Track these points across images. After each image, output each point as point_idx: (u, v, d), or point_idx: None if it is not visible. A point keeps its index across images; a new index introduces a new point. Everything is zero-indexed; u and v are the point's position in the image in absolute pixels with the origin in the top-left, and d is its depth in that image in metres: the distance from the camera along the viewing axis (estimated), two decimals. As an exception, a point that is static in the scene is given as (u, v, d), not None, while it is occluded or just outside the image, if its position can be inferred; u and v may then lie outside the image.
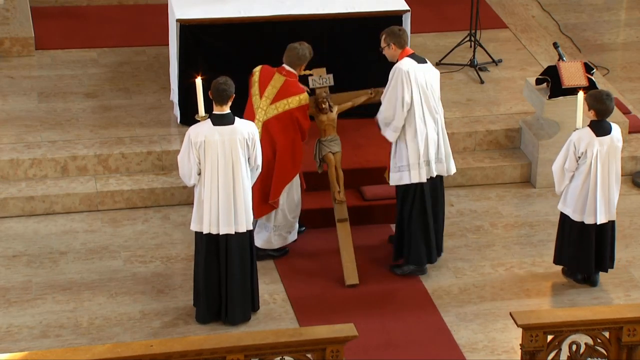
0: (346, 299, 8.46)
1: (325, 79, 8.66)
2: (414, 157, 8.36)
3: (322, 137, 8.67)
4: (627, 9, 12.51)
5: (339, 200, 8.60)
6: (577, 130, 8.31)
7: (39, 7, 11.61)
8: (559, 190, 8.47)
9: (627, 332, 7.06)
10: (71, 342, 8.00)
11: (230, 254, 8.00)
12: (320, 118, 8.61)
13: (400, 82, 8.29)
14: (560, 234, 8.60)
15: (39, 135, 9.80)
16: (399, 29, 8.50)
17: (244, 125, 7.95)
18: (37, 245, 9.02)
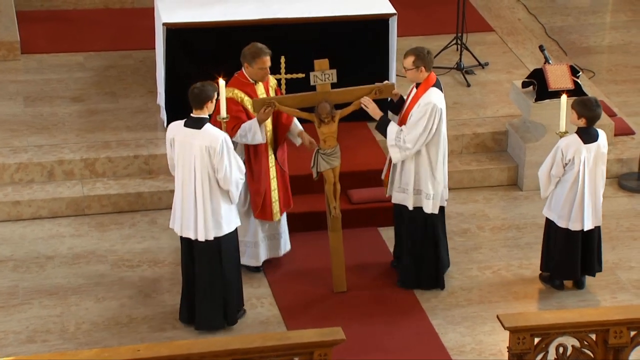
0: (334, 303, 8.46)
1: (328, 75, 8.23)
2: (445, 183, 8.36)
3: (322, 149, 8.30)
4: (613, 12, 12.56)
5: (334, 215, 8.41)
6: (564, 137, 8.32)
7: (25, 10, 11.59)
8: (544, 195, 8.49)
9: (614, 335, 7.08)
10: (58, 347, 7.98)
11: (197, 259, 7.99)
12: (322, 129, 8.25)
13: (433, 118, 8.15)
14: (545, 239, 8.61)
15: (25, 140, 9.78)
16: (428, 51, 8.27)
17: (208, 134, 7.79)
18: (23, 250, 9.00)
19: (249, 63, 8.30)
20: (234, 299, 8.14)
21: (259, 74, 8.32)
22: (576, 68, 9.89)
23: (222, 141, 7.78)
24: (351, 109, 8.33)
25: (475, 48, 11.08)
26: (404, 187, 8.37)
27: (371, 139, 9.91)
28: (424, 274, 8.54)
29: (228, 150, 7.80)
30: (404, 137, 8.20)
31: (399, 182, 8.39)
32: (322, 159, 8.29)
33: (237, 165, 7.89)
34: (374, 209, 9.29)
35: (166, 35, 9.71)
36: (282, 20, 9.82)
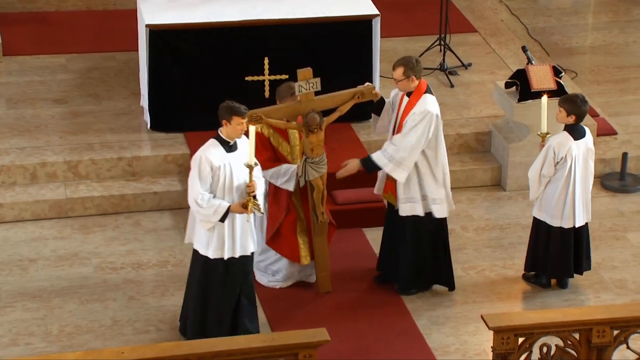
0: (319, 304, 8.47)
1: (312, 84, 8.19)
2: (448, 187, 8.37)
3: (310, 158, 8.24)
4: (594, 12, 12.61)
5: (322, 220, 8.38)
6: (555, 136, 8.35)
7: (6, 12, 11.57)
8: (534, 197, 8.49)
9: (597, 334, 7.12)
10: (41, 350, 7.97)
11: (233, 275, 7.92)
12: (310, 139, 8.19)
13: (428, 126, 8.14)
14: (533, 240, 8.62)
15: (8, 142, 9.76)
16: (416, 59, 8.25)
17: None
18: (6, 253, 8.98)
19: (280, 101, 8.28)
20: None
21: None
22: (559, 69, 9.94)
23: (195, 156, 7.67)
24: (336, 115, 8.30)
25: (458, 49, 11.11)
26: (413, 197, 8.32)
27: (355, 139, 9.92)
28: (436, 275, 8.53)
29: (192, 170, 7.66)
30: (392, 150, 8.16)
31: (408, 193, 8.32)
32: (310, 167, 8.25)
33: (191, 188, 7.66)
34: (358, 209, 9.31)
35: (149, 37, 9.71)
36: (266, 21, 9.82)
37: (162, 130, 9.95)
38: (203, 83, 9.89)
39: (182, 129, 9.95)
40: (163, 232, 9.27)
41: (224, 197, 7.65)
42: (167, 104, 9.93)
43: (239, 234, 7.74)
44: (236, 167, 7.67)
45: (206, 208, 7.60)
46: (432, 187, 8.31)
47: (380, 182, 8.54)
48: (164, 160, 9.73)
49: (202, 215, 7.65)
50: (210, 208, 7.61)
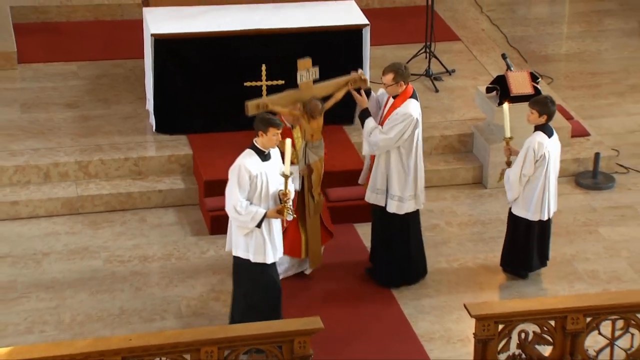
0: (313, 295, 8.48)
1: (312, 72, 8.25)
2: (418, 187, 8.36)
3: (310, 142, 8.28)
4: (569, 23, 12.64)
5: (317, 200, 8.36)
6: (533, 137, 8.32)
7: (21, 23, 11.56)
8: (514, 198, 8.46)
9: (571, 321, 7.13)
10: (54, 338, 7.97)
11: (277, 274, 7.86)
12: (311, 125, 8.20)
13: (406, 128, 8.17)
14: (512, 237, 8.56)
15: (22, 144, 9.76)
16: (405, 66, 8.28)
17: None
18: (21, 247, 8.98)
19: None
20: None
21: (290, 118, 8.22)
22: (536, 75, 9.95)
23: (234, 166, 7.56)
24: (332, 102, 8.33)
25: (442, 56, 11.13)
26: (379, 189, 8.39)
27: (347, 141, 9.94)
28: (396, 270, 8.54)
29: (231, 178, 7.56)
30: (376, 137, 8.24)
31: (375, 184, 8.41)
32: (311, 152, 8.25)
33: (230, 196, 7.53)
34: (350, 206, 9.32)
35: (154, 45, 9.71)
36: (264, 31, 9.83)
37: (166, 133, 9.96)
38: (204, 88, 9.90)
39: (185, 131, 9.95)
40: (167, 228, 9.28)
41: (260, 204, 7.54)
42: (171, 107, 9.93)
43: (276, 239, 7.66)
44: (271, 175, 7.59)
45: (244, 215, 7.49)
46: (397, 184, 8.31)
47: (364, 172, 8.57)
48: (168, 160, 9.73)
49: (240, 221, 7.53)
50: (248, 215, 7.49)
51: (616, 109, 11.03)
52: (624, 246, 9.17)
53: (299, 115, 8.24)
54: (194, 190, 9.57)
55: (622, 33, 12.36)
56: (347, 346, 7.94)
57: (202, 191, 9.46)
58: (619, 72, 11.63)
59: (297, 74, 8.20)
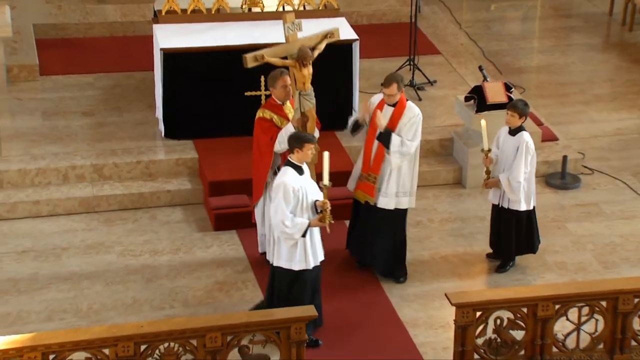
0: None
1: (297, 25, 8.20)
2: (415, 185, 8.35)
3: (304, 91, 8.04)
4: (539, 38, 12.66)
5: (316, 147, 7.98)
6: (523, 137, 8.24)
7: (43, 38, 11.55)
8: (519, 197, 8.32)
9: (542, 308, 7.14)
10: (73, 324, 7.96)
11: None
12: (303, 72, 8.04)
13: (420, 124, 8.22)
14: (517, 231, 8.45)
15: (43, 149, 9.74)
16: (401, 77, 8.27)
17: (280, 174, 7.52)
18: (42, 242, 8.96)
19: (272, 86, 8.12)
20: None
21: (283, 92, 8.11)
22: (509, 85, 9.96)
23: (278, 184, 7.38)
24: (316, 53, 8.26)
25: (425, 68, 11.13)
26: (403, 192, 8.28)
27: (338, 145, 9.93)
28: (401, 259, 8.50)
29: (276, 194, 7.38)
30: (407, 146, 8.15)
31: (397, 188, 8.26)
32: (305, 99, 8.12)
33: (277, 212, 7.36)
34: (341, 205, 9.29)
35: (163, 59, 9.70)
36: (263, 45, 9.78)
37: (174, 138, 9.94)
38: (209, 97, 9.88)
39: (191, 136, 9.94)
40: (175, 225, 9.26)
41: (302, 215, 7.43)
42: (178, 115, 9.92)
43: (316, 245, 7.58)
44: (308, 187, 7.49)
45: (291, 227, 7.35)
46: (411, 181, 8.29)
47: (352, 180, 8.50)
48: (175, 163, 9.71)
49: (287, 234, 7.38)
50: (295, 227, 7.36)
51: (582, 116, 11.04)
52: (589, 240, 9.18)
53: (291, 64, 8.10)
54: (199, 190, 9.56)
55: (588, 47, 12.38)
56: (340, 331, 7.94)
57: (206, 191, 9.44)
58: (585, 83, 11.64)
59: (284, 27, 8.11)
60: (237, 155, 9.65)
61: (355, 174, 8.50)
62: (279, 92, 8.15)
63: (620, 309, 7.22)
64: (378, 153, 8.26)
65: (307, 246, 7.50)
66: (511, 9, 13.21)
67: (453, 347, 7.20)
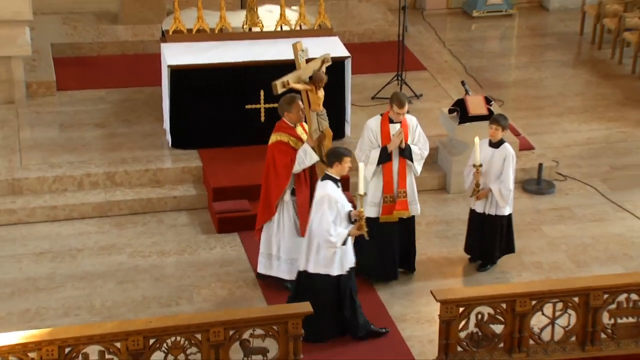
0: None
1: (305, 52, 8.23)
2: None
3: (319, 112, 8.02)
4: (516, 55, 12.67)
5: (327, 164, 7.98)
6: (507, 148, 8.24)
7: (59, 57, 11.53)
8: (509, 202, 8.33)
9: (520, 304, 7.13)
10: (87, 320, 7.94)
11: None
12: (318, 94, 8.04)
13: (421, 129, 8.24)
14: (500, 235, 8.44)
15: (60, 158, 9.72)
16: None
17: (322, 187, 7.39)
18: (59, 244, 8.94)
19: (288, 111, 7.93)
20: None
21: (298, 115, 7.94)
22: (489, 98, 9.97)
23: (322, 196, 7.29)
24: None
25: (412, 83, 11.13)
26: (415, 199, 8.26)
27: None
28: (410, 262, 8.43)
29: (321, 206, 7.27)
30: (424, 153, 8.20)
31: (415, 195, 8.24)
32: (322, 119, 8.08)
33: (322, 223, 7.26)
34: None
35: (170, 75, 9.69)
36: (262, 62, 9.82)
37: (180, 148, 9.92)
38: (212, 110, 9.88)
39: (196, 146, 9.92)
40: (181, 228, 9.25)
41: (340, 225, 7.37)
42: (184, 127, 9.91)
43: (349, 251, 7.52)
44: (344, 199, 7.44)
45: (335, 236, 7.26)
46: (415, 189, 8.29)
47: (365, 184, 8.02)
48: (181, 171, 9.70)
49: (331, 243, 7.29)
50: (338, 236, 7.27)
51: (555, 127, 11.05)
52: (562, 241, 9.18)
53: (310, 88, 8.05)
54: (203, 196, 9.54)
55: (560, 64, 12.40)
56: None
57: (210, 197, 9.43)
58: (558, 96, 11.65)
59: (298, 55, 8.10)
60: (238, 164, 9.65)
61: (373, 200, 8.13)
62: (294, 116, 7.91)
63: (591, 305, 7.22)
64: (401, 168, 8.11)
65: (344, 253, 7.45)
66: (491, 28, 13.23)
67: (438, 340, 7.19)
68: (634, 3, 12.68)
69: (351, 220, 7.42)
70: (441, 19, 13.34)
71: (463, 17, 13.41)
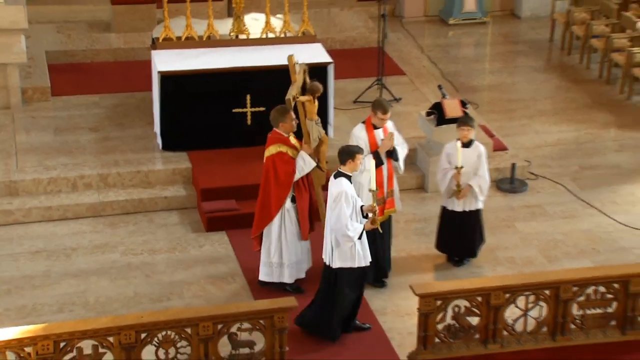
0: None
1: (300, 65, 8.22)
2: None
3: (316, 120, 7.94)
4: (490, 60, 12.71)
5: (325, 169, 8.06)
6: (479, 147, 8.28)
7: (54, 63, 11.47)
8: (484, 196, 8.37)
9: (494, 297, 7.16)
10: (82, 315, 7.90)
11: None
12: (315, 104, 8.02)
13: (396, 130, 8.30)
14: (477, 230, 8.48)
15: (55, 160, 9.67)
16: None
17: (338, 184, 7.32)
18: (54, 243, 8.89)
19: (282, 122, 7.85)
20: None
21: (292, 125, 7.87)
22: (465, 102, 9.99)
23: (340, 192, 7.24)
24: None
25: (392, 87, 11.14)
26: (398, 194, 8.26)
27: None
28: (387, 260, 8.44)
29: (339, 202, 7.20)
30: (405, 148, 8.27)
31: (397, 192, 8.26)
32: (319, 127, 8.05)
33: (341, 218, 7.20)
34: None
35: (160, 80, 9.66)
36: (248, 68, 9.81)
37: (171, 150, 9.89)
38: (201, 114, 9.85)
39: (186, 148, 9.89)
40: (171, 227, 9.21)
41: (355, 219, 7.34)
42: (174, 130, 9.88)
43: (365, 244, 7.48)
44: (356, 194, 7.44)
45: (352, 231, 7.23)
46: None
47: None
48: (172, 172, 9.67)
49: (349, 237, 7.25)
50: (355, 230, 7.24)
51: (527, 128, 11.09)
52: (534, 237, 9.21)
53: (309, 99, 8.00)
54: (193, 196, 9.52)
55: (532, 69, 12.44)
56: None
57: (199, 197, 9.40)
58: (529, 100, 11.70)
59: (296, 67, 8.06)
60: (226, 165, 9.63)
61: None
62: (289, 125, 7.86)
63: (562, 297, 7.26)
64: (389, 169, 8.12)
65: (362, 246, 7.42)
66: (466, 35, 13.26)
67: (417, 332, 7.20)
68: (600, 11, 12.76)
69: (363, 215, 7.42)
70: (419, 26, 13.36)
71: (440, 25, 13.44)
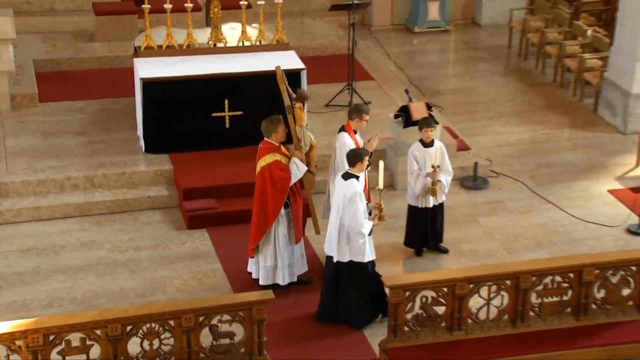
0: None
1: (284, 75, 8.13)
2: None
3: (306, 126, 7.89)
4: (453, 66, 12.77)
5: (314, 172, 8.01)
6: (439, 144, 8.33)
7: (41, 71, 11.35)
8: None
9: (459, 287, 7.19)
10: (70, 310, 7.83)
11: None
12: (304, 110, 7.97)
13: None
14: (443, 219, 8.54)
15: (43, 163, 9.57)
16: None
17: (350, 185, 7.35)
18: (43, 242, 8.80)
19: (275, 131, 7.76)
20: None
21: (283, 133, 7.80)
22: (430, 104, 10.01)
23: (354, 193, 7.28)
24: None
25: (361, 91, 11.14)
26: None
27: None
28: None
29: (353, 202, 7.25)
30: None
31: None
32: (309, 132, 7.98)
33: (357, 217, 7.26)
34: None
35: (142, 86, 9.59)
36: (226, 74, 9.77)
37: (153, 153, 9.82)
38: (182, 118, 9.79)
39: (167, 151, 9.83)
40: (155, 225, 9.15)
41: (365, 217, 7.39)
42: (156, 133, 9.82)
43: (371, 242, 7.53)
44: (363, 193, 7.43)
45: (366, 228, 7.35)
46: None
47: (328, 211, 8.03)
48: (155, 174, 9.60)
49: (362, 234, 7.35)
50: (367, 228, 7.37)
51: (488, 129, 11.15)
52: (496, 231, 9.26)
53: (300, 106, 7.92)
54: (175, 196, 9.46)
55: (491, 73, 12.52)
56: (293, 310, 7.88)
57: (181, 196, 9.35)
58: (490, 102, 11.76)
59: (282, 77, 7.97)
60: (206, 166, 9.59)
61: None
62: (281, 135, 7.79)
63: (521, 286, 7.30)
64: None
65: (371, 241, 7.49)
66: (430, 42, 13.31)
67: (387, 321, 7.20)
68: (553, 20, 12.90)
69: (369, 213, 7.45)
70: (386, 34, 13.39)
71: (406, 33, 13.48)
